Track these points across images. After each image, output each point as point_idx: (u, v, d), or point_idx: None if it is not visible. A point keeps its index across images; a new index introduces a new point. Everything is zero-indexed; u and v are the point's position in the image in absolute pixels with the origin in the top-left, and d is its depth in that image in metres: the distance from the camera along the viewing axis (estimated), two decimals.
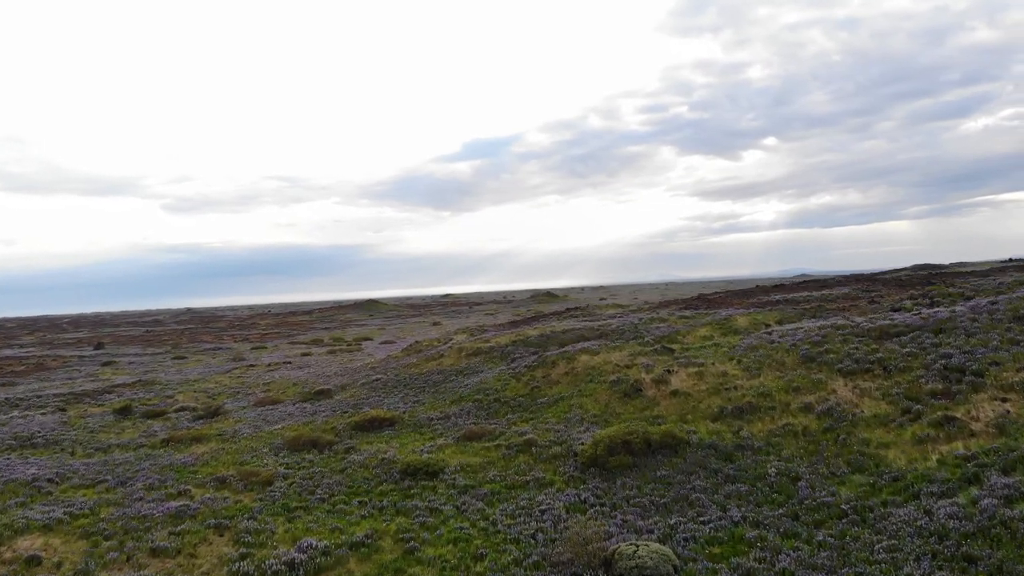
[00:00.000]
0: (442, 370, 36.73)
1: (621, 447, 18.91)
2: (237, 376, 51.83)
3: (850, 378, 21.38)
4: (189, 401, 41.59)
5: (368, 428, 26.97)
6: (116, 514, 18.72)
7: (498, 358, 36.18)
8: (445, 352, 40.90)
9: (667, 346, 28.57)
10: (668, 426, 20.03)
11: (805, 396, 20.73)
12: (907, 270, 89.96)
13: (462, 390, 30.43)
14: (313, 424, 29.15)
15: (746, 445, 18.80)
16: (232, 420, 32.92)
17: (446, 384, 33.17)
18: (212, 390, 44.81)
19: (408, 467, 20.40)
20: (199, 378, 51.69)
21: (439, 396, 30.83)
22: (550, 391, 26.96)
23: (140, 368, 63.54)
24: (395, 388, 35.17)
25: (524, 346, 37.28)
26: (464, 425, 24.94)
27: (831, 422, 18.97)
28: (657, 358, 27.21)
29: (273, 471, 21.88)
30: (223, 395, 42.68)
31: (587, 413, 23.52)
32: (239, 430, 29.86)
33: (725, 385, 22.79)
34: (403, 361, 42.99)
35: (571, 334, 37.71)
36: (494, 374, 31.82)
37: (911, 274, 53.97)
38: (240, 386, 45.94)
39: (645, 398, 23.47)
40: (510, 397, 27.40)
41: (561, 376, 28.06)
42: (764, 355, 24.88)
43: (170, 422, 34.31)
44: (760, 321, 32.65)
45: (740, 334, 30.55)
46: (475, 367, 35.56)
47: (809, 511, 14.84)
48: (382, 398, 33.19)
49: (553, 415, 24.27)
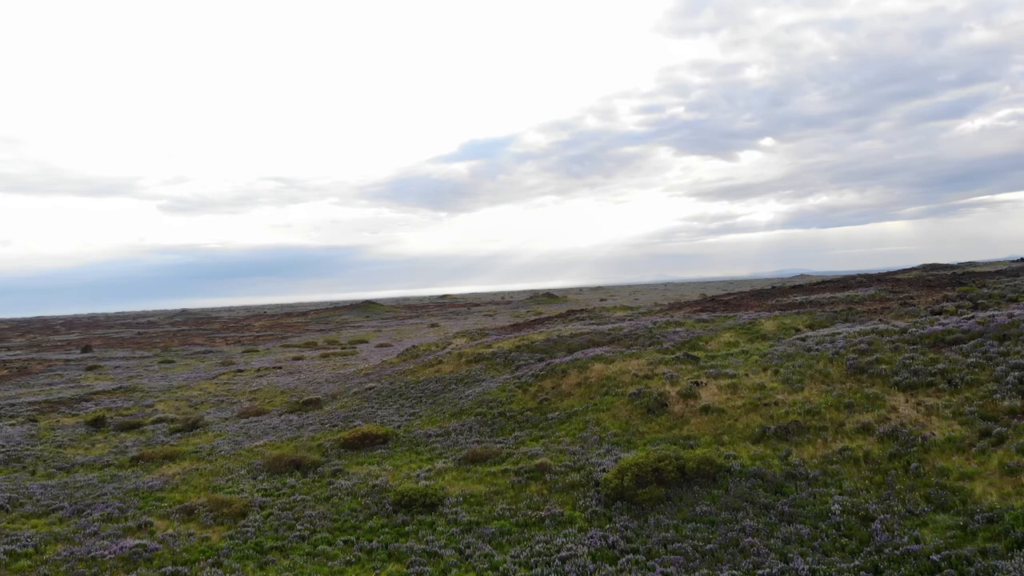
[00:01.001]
0: (441, 378, 33.97)
1: (651, 476, 16.17)
2: (224, 382, 49.00)
3: (911, 393, 18.64)
4: (169, 411, 38.79)
5: (359, 446, 24.22)
6: (62, 554, 16.04)
7: (501, 365, 33.41)
8: (444, 358, 38.15)
9: (690, 354, 25.77)
10: (704, 450, 17.28)
11: (861, 414, 17.99)
12: (916, 270, 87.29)
13: (463, 402, 27.65)
14: (298, 440, 26.38)
15: (798, 474, 16.07)
16: (211, 434, 30.13)
17: (445, 394, 30.41)
18: (195, 398, 42.00)
19: (403, 497, 17.66)
20: (183, 384, 48.86)
21: (438, 408, 28.08)
22: (561, 404, 24.17)
23: (125, 373, 60.65)
24: (389, 398, 32.41)
25: (529, 352, 34.52)
26: (466, 444, 22.18)
27: (897, 447, 16.24)
28: (680, 367, 24.42)
29: (249, 499, 19.14)
30: (206, 404, 39.86)
31: (606, 432, 20.72)
32: (217, 446, 27.08)
33: (764, 400, 20.02)
34: (399, 367, 40.21)
35: (579, 339, 34.94)
36: (498, 384, 29.07)
37: (935, 274, 51.29)
38: (225, 394, 43.13)
39: (671, 415, 20.69)
40: (517, 411, 24.61)
41: (573, 387, 25.27)
42: (804, 365, 22.13)
43: (145, 435, 31.53)
44: (789, 325, 29.85)
45: (769, 340, 27.81)
46: (476, 375, 32.81)
47: (892, 563, 12.09)
48: (375, 409, 30.43)
49: (567, 433, 21.49)
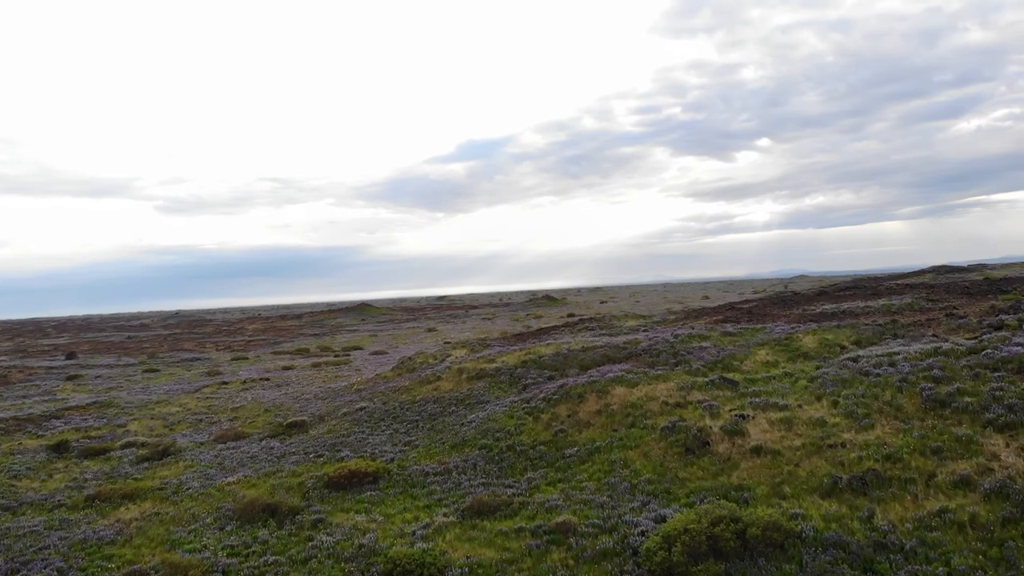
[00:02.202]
0: (439, 397, 30.70)
1: (706, 546, 12.93)
2: (206, 397, 45.65)
3: (1011, 435, 15.39)
4: (142, 432, 35.46)
5: (345, 485, 20.93)
6: None
7: (506, 383, 30.14)
8: (442, 373, 34.88)
9: (726, 377, 22.48)
10: (766, 510, 14.00)
11: (955, 463, 14.75)
12: (929, 272, 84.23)
13: (465, 430, 24.35)
14: (277, 476, 23.09)
15: (889, 543, 12.82)
16: (182, 464, 26.82)
17: (444, 418, 27.13)
18: (172, 416, 38.66)
19: (395, 564, 14.38)
20: (163, 399, 45.48)
21: (436, 436, 24.80)
22: (580, 437, 20.89)
23: (105, 384, 57.22)
24: (382, 421, 29.12)
25: (537, 368, 31.25)
26: (470, 487, 18.89)
27: (1010, 508, 13.01)
28: (717, 394, 21.17)
29: (211, 561, 15.86)
30: (183, 424, 36.54)
31: (637, 476, 17.43)
32: (186, 481, 23.79)
33: (828, 440, 16.76)
34: (393, 383, 36.93)
35: (593, 354, 31.67)
36: (504, 407, 25.80)
37: (965, 280, 48.11)
38: (205, 411, 39.79)
39: (715, 456, 17.42)
40: (528, 444, 21.30)
41: (592, 415, 21.98)
42: (867, 395, 18.88)
43: (110, 464, 28.22)
44: (832, 342, 26.57)
45: (812, 359, 24.58)
46: (479, 394, 29.54)
47: None
48: (366, 435, 27.13)
49: (589, 476, 18.21)
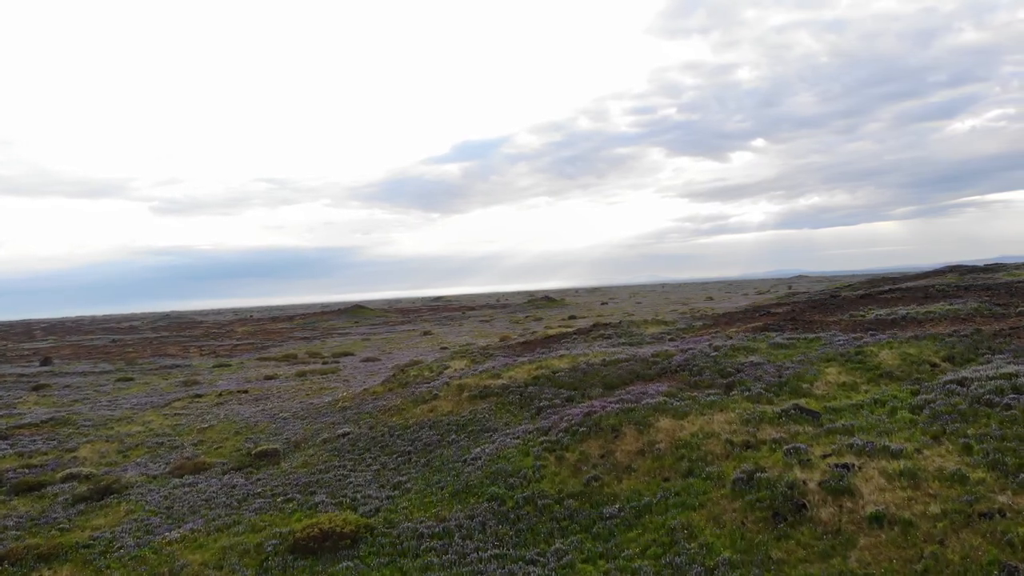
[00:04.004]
0: (436, 421, 25.95)
1: None
2: (175, 412, 40.77)
3: None
4: (92, 458, 30.66)
5: (315, 550, 16.19)
6: None
7: (516, 406, 25.40)
8: (439, 390, 30.12)
9: (803, 406, 17.69)
10: None
11: None
12: (946, 272, 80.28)
13: (469, 470, 19.55)
14: (233, 530, 18.32)
15: None
16: (123, 509, 21.99)
17: (443, 450, 22.39)
18: (131, 439, 33.79)
19: None
20: (127, 415, 40.58)
21: (432, 476, 20.05)
22: (620, 488, 16.12)
23: (71, 395, 52.24)
24: (367, 452, 24.34)
25: (551, 386, 26.49)
26: (479, 563, 14.09)
27: None
28: (796, 429, 16.45)
29: None
30: (140, 449, 31.70)
31: (711, 555, 12.68)
32: (120, 536, 19.00)
33: (977, 506, 12.06)
34: (382, 401, 32.14)
35: (617, 369, 26.90)
36: (516, 439, 21.05)
37: (1013, 282, 43.59)
38: (170, 431, 34.95)
39: (818, 526, 12.70)
40: (552, 496, 16.51)
41: (633, 457, 17.20)
42: (1007, 435, 14.20)
43: (41, 505, 23.41)
44: (916, 357, 21.84)
45: (898, 380, 19.91)
46: (484, 419, 24.80)
47: None
48: (347, 473, 22.35)
49: (641, 549, 13.46)
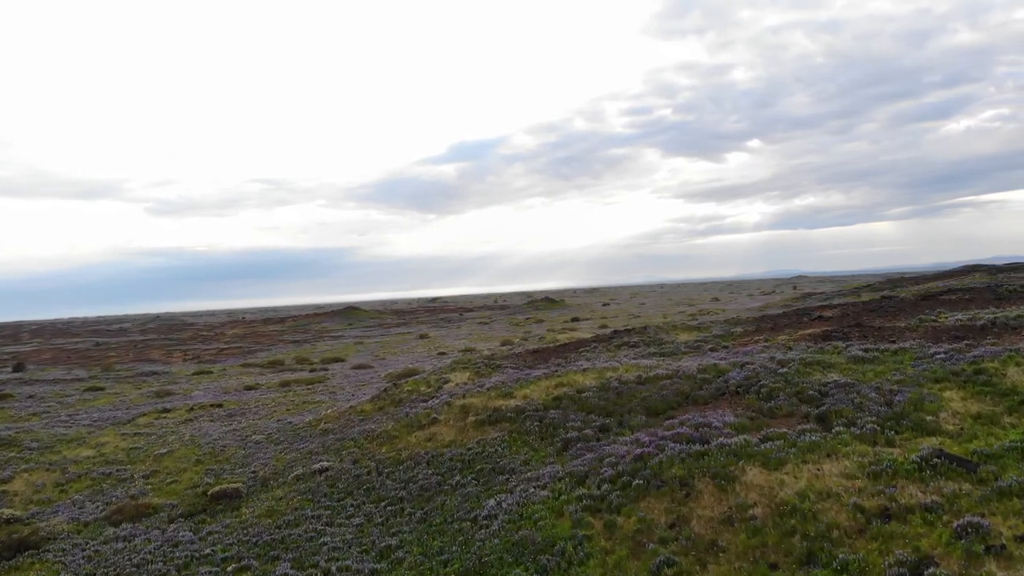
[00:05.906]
0: (435, 455, 20.96)
1: None
2: (135, 432, 35.64)
3: None
4: (25, 492, 25.66)
5: None
6: None
7: (535, 436, 20.41)
8: (439, 411, 25.13)
9: (944, 450, 12.78)
10: None
11: None
12: (964, 272, 76.14)
13: (481, 536, 14.55)
14: None
15: None
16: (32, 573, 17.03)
17: (445, 498, 17.40)
18: (77, 466, 28.72)
19: None
20: (81, 434, 35.45)
21: (432, 540, 15.07)
22: None
23: (32, 407, 47.10)
24: (349, 496, 19.30)
25: (578, 409, 21.51)
26: None
27: None
28: (949, 487, 11.49)
29: None
30: (83, 481, 26.64)
31: None
32: None
33: None
34: (371, 423, 27.10)
35: (659, 388, 21.89)
36: (542, 488, 16.07)
37: None
38: (123, 458, 29.84)
39: None
40: None
41: (717, 527, 12.28)
42: None
43: None
44: None
45: None
46: (496, 454, 19.81)
47: None
48: (322, 528, 17.33)
49: None
